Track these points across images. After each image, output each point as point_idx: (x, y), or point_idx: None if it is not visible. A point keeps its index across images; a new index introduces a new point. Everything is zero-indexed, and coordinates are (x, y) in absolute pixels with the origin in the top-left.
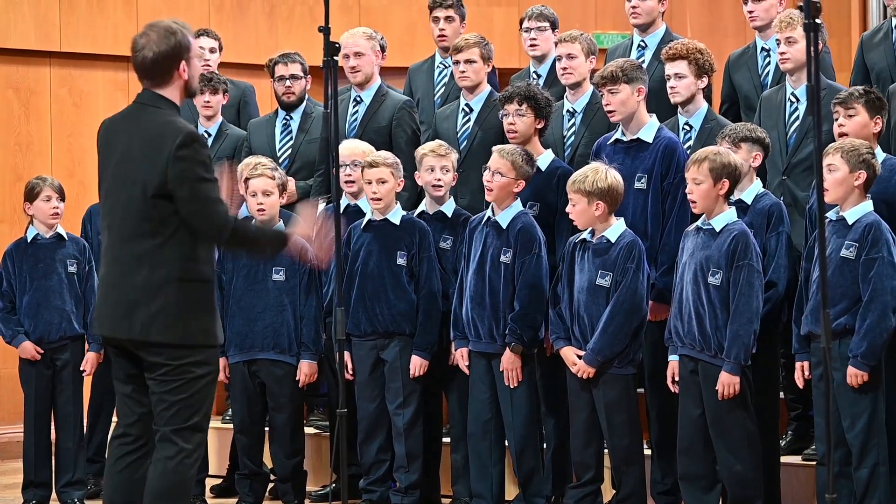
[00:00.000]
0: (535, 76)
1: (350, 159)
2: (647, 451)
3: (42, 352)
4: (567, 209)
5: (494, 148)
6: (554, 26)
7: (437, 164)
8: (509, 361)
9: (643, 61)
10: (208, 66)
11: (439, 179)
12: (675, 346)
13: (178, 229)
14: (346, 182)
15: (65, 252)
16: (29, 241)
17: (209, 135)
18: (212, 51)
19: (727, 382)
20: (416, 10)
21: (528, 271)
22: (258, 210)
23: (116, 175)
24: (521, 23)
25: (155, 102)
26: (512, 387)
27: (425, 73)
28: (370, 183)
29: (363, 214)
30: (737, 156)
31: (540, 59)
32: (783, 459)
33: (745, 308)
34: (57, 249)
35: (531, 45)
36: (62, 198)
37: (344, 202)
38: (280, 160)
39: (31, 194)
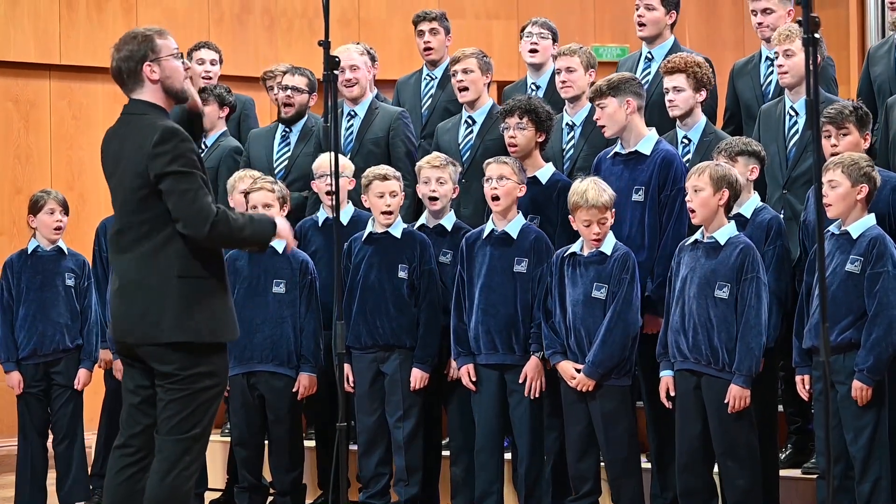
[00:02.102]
0: (532, 87)
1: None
2: (647, 465)
3: (23, 387)
4: (594, 231)
5: (489, 160)
6: (555, 39)
7: (432, 175)
8: (534, 369)
9: (649, 73)
10: (209, 77)
11: (434, 191)
12: (670, 361)
13: (171, 232)
14: (327, 193)
15: (64, 266)
16: (29, 252)
17: (205, 146)
18: (212, 63)
19: (738, 395)
20: None
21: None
22: None
23: (115, 188)
24: (522, 29)
25: (138, 109)
26: (534, 396)
27: (412, 86)
28: (382, 196)
29: (342, 227)
30: (736, 170)
31: (537, 68)
32: (782, 473)
33: (756, 321)
34: (56, 263)
35: (531, 51)
36: (66, 212)
37: (322, 215)
38: (276, 171)
39: (34, 207)
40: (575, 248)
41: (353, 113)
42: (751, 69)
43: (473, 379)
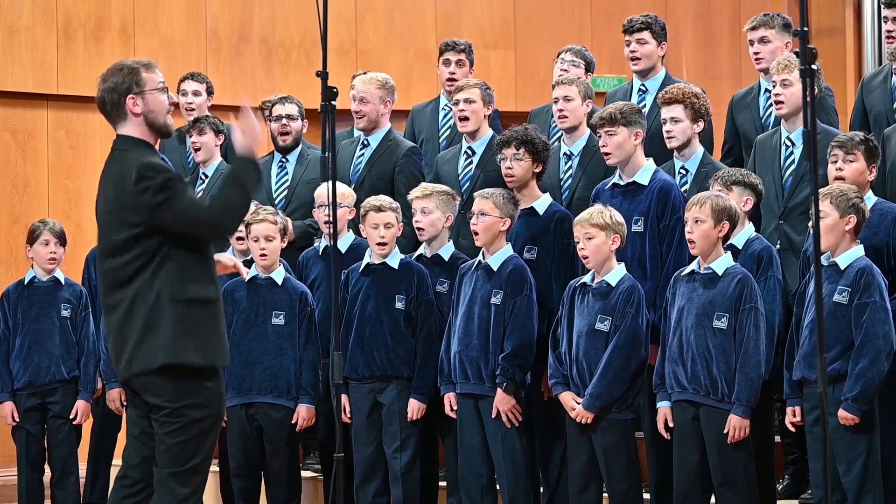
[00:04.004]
0: None
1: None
2: (647, 496)
3: (18, 420)
4: (580, 247)
5: (476, 193)
6: (589, 68)
7: (417, 206)
8: (503, 402)
9: (644, 105)
10: (192, 108)
11: (417, 221)
12: (667, 392)
13: (162, 261)
14: (325, 223)
15: (60, 296)
16: (26, 283)
17: (206, 176)
18: (195, 94)
19: (738, 425)
20: (412, 53)
21: (520, 313)
22: (261, 255)
23: (100, 227)
24: (557, 56)
25: (122, 146)
26: (507, 427)
27: (429, 115)
28: (376, 227)
29: (340, 254)
30: (734, 201)
31: None
32: (780, 503)
33: (754, 351)
34: (53, 293)
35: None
36: (62, 243)
37: (324, 243)
38: (276, 201)
39: (31, 237)
40: (586, 278)
41: (365, 142)
42: (750, 101)
43: (454, 407)
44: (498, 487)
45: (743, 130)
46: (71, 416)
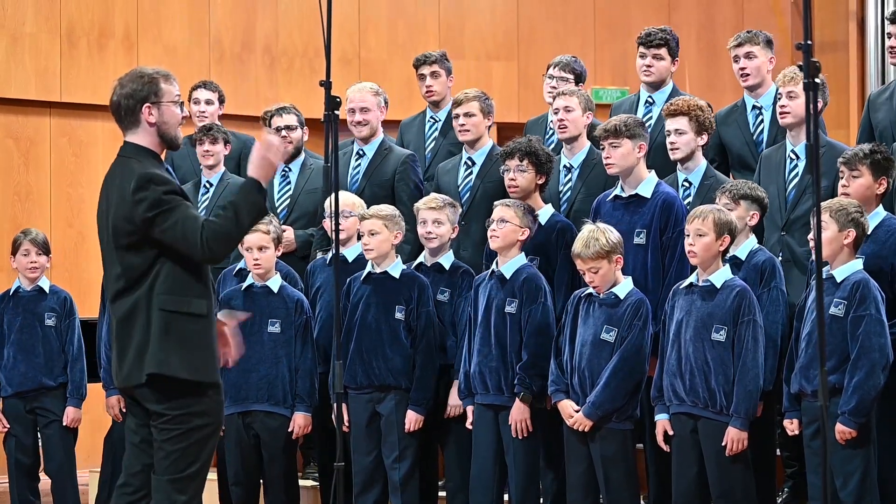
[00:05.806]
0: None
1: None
2: None
3: (8, 426)
4: (587, 279)
5: (497, 202)
6: (579, 80)
7: (429, 216)
8: (519, 412)
9: (650, 117)
10: (204, 117)
11: (430, 232)
12: (665, 404)
13: (160, 271)
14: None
15: (44, 305)
16: (11, 293)
17: (210, 185)
18: (208, 102)
19: (736, 438)
20: None
21: (535, 321)
22: (254, 265)
23: (101, 235)
24: (547, 68)
25: (129, 153)
26: (520, 438)
27: (416, 128)
28: (363, 234)
29: (347, 263)
30: (733, 215)
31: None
32: None
33: (752, 364)
34: (36, 303)
35: (550, 93)
36: (44, 251)
37: (331, 253)
38: (278, 210)
39: (13, 247)
40: (592, 289)
41: (361, 152)
42: (737, 117)
43: (473, 419)
44: (507, 497)
45: (733, 148)
46: (64, 422)
